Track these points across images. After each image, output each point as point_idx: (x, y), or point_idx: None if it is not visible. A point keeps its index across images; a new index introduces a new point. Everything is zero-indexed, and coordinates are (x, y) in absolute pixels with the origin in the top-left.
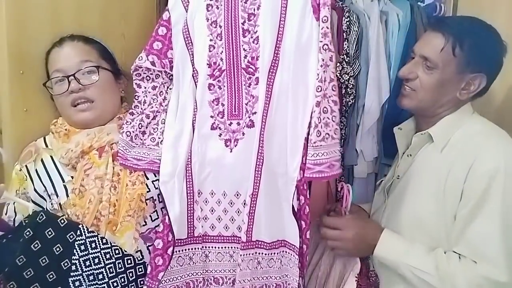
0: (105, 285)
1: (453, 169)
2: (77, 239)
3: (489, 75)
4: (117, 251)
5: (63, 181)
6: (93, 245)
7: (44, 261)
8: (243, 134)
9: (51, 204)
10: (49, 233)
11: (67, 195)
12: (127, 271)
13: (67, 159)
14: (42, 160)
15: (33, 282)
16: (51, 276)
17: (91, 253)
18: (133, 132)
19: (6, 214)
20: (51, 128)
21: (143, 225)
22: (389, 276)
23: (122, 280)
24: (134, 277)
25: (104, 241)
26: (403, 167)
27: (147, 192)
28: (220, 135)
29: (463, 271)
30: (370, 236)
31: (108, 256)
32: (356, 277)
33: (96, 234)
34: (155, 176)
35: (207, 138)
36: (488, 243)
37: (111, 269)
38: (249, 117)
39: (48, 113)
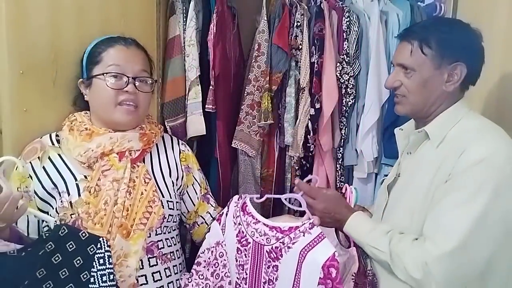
0: None
1: (444, 162)
2: (97, 252)
3: (468, 61)
4: None
5: (76, 179)
6: (111, 260)
7: (64, 273)
8: None
9: (61, 201)
10: (70, 246)
11: (79, 194)
12: None
13: (86, 158)
14: (50, 158)
15: None
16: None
17: (108, 268)
18: None
19: (16, 224)
20: (67, 124)
21: (148, 237)
22: (388, 274)
23: None
24: None
25: None
26: (404, 164)
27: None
28: None
29: (410, 249)
30: (339, 215)
31: None
32: (353, 275)
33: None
34: (170, 196)
35: None
36: (440, 222)
37: None
38: None
39: (48, 113)
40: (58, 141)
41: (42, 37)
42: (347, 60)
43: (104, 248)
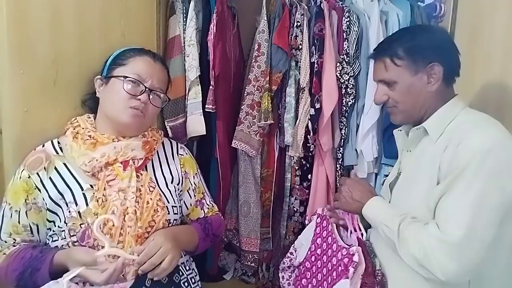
0: None
1: (443, 154)
2: (181, 278)
3: (441, 58)
4: None
5: (82, 189)
6: (193, 279)
7: None
8: None
9: (69, 211)
10: (164, 279)
11: (87, 204)
12: None
13: (90, 167)
14: (56, 168)
15: None
16: None
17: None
18: None
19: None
20: (71, 131)
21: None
22: (397, 274)
23: None
24: None
25: None
26: (404, 162)
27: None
28: None
29: (417, 230)
30: (362, 195)
31: None
32: (361, 276)
33: None
34: (174, 201)
35: None
36: (448, 211)
37: None
38: None
39: (48, 113)
40: (61, 149)
41: (43, 37)
42: (347, 60)
43: (185, 273)
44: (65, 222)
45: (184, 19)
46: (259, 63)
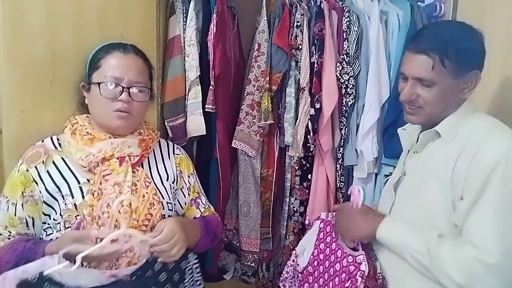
0: None
1: (458, 161)
2: (187, 266)
3: (481, 66)
4: None
5: (79, 182)
6: (198, 269)
7: None
8: None
9: (65, 204)
10: (170, 264)
11: (83, 197)
12: None
13: (87, 162)
14: (53, 162)
15: None
16: None
17: (195, 277)
18: None
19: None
20: (69, 127)
21: None
22: (397, 278)
23: None
24: None
25: None
26: (410, 164)
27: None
28: None
29: (452, 251)
30: (372, 218)
31: None
32: (364, 279)
33: None
34: (169, 198)
35: None
36: (482, 229)
37: None
38: None
39: (45, 113)
40: (59, 145)
41: (40, 37)
42: (347, 60)
43: (192, 261)
44: (60, 214)
45: (184, 19)
46: (259, 63)
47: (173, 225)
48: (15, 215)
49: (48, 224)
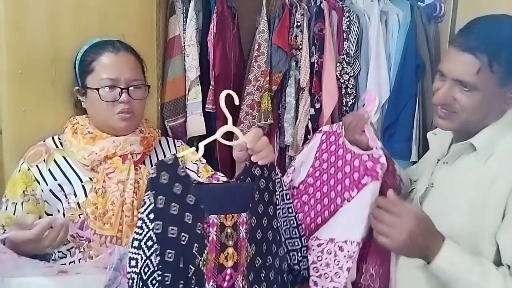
0: None
1: (496, 183)
2: (277, 177)
3: None
4: None
5: (81, 181)
6: (284, 182)
7: (269, 200)
8: None
9: (68, 203)
10: (274, 173)
11: (86, 195)
12: None
13: (90, 161)
14: (55, 161)
15: None
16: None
17: (284, 190)
18: None
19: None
20: (70, 127)
21: None
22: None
23: None
24: None
25: None
26: (439, 175)
27: None
28: None
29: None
30: (429, 238)
31: None
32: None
33: None
34: None
35: None
36: None
37: None
38: None
39: (47, 113)
40: (61, 144)
41: (41, 37)
42: (347, 60)
43: (278, 174)
44: (63, 214)
45: (184, 19)
46: (259, 63)
47: (256, 129)
48: (14, 214)
49: None
